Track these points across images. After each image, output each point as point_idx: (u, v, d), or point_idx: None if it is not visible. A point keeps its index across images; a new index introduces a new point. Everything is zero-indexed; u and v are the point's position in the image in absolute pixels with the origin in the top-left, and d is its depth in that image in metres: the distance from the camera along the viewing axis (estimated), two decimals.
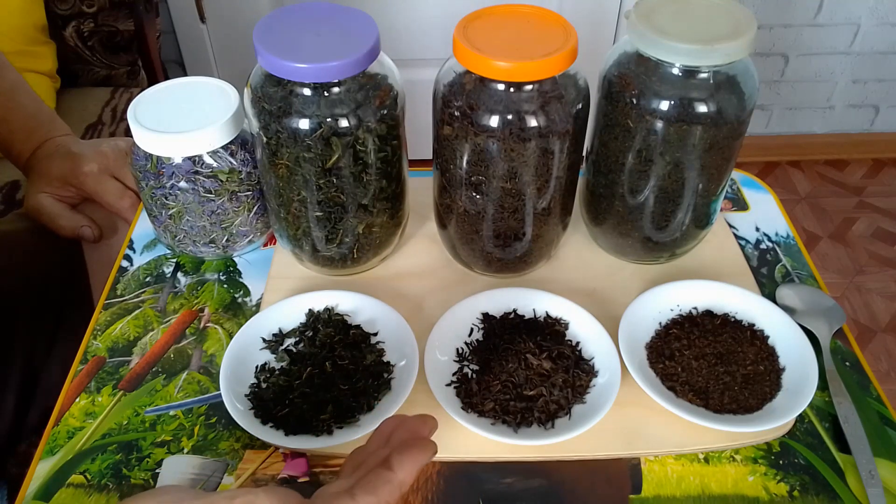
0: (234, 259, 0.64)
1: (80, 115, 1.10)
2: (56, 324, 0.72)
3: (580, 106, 0.51)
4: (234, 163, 0.57)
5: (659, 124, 0.51)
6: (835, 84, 1.80)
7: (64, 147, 0.73)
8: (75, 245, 0.74)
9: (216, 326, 0.58)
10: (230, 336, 0.56)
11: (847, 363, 0.56)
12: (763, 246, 0.65)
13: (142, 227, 0.67)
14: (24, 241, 0.72)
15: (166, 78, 1.10)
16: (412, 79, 0.74)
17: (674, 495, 0.47)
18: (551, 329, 0.54)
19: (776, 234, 0.66)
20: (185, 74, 1.56)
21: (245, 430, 0.48)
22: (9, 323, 0.68)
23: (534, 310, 0.56)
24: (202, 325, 0.58)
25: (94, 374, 0.55)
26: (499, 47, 0.48)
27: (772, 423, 0.48)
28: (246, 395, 0.50)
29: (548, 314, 0.55)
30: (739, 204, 0.70)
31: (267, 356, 0.53)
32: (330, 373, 0.50)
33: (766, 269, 0.63)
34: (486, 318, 0.55)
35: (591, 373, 0.52)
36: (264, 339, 0.54)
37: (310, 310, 0.55)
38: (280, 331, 0.55)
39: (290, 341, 0.54)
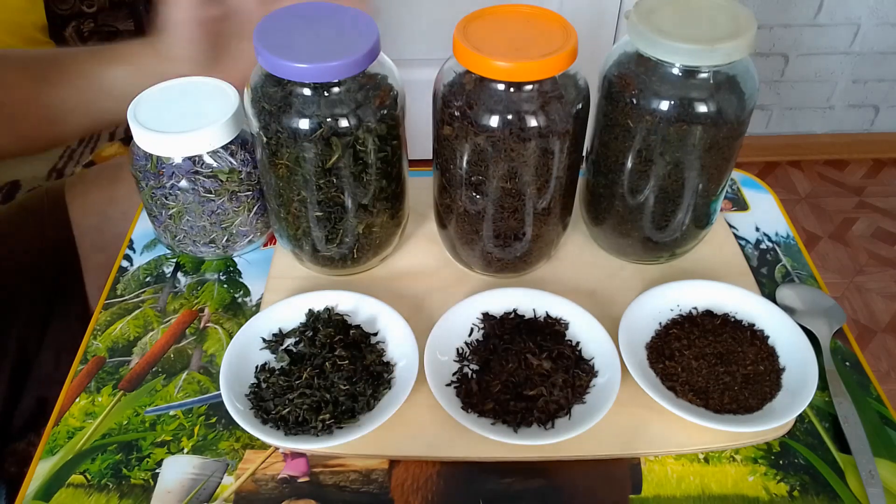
0: (234, 259, 0.64)
1: None
2: (48, 314, 0.72)
3: (580, 106, 0.51)
4: (234, 163, 0.57)
5: (659, 124, 0.51)
6: (835, 84, 1.80)
7: None
8: (67, 234, 0.74)
9: (216, 326, 0.58)
10: (230, 336, 0.56)
11: (847, 363, 0.56)
12: (763, 246, 0.65)
13: (142, 227, 0.67)
14: (16, 231, 0.73)
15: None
16: (412, 79, 0.74)
17: (674, 495, 0.47)
18: (551, 329, 0.54)
19: (776, 234, 0.66)
20: None
21: (245, 430, 0.48)
22: (1, 313, 0.68)
23: (534, 310, 0.56)
24: (202, 325, 0.58)
25: (94, 374, 0.55)
26: (499, 47, 0.48)
27: (772, 423, 0.48)
28: (246, 395, 0.50)
29: (548, 314, 0.55)
30: (739, 204, 0.70)
31: (267, 356, 0.53)
32: (330, 373, 0.50)
33: (766, 269, 0.63)
34: (486, 318, 0.55)
35: (591, 373, 0.52)
36: (264, 339, 0.54)
37: (310, 310, 0.55)
38: (280, 331, 0.55)
39: (290, 341, 0.54)
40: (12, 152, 0.73)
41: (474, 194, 0.54)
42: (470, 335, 0.55)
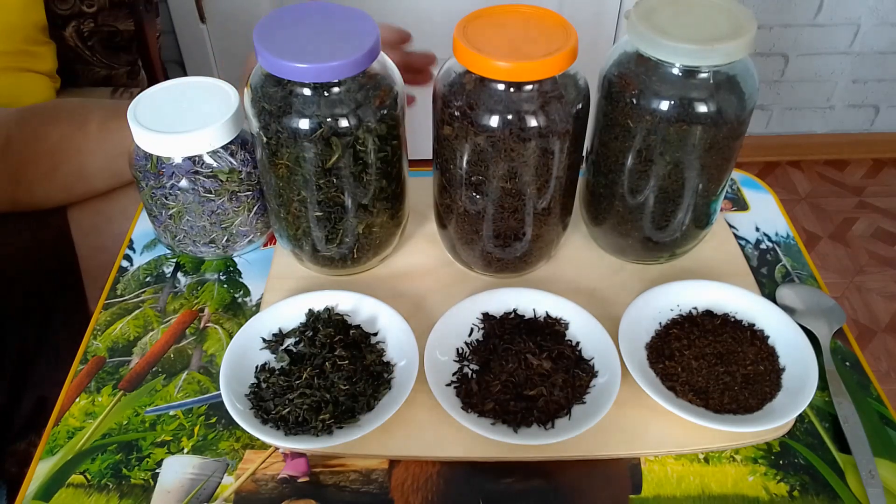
0: (234, 259, 0.64)
1: None
2: (48, 314, 0.72)
3: (580, 106, 0.51)
4: (234, 163, 0.57)
5: (659, 124, 0.51)
6: (835, 84, 1.80)
7: None
8: (65, 232, 0.74)
9: (216, 326, 0.58)
10: (230, 336, 0.56)
11: (847, 363, 0.56)
12: (763, 246, 0.65)
13: (142, 227, 0.67)
14: (14, 230, 0.73)
15: (166, 78, 1.10)
16: None
17: (674, 495, 0.47)
18: (551, 329, 0.54)
19: (776, 234, 0.66)
20: (185, 74, 1.56)
21: (245, 430, 0.48)
22: (1, 314, 0.68)
23: (534, 310, 0.56)
24: (202, 325, 0.58)
25: (94, 374, 0.55)
26: (499, 47, 0.48)
27: (772, 423, 0.48)
28: (246, 395, 0.50)
29: (548, 314, 0.55)
30: (739, 204, 0.70)
31: (267, 356, 0.53)
32: (330, 373, 0.50)
33: (766, 269, 0.63)
34: (486, 318, 0.55)
35: (591, 373, 0.52)
36: (264, 339, 0.54)
37: (310, 310, 0.55)
38: (280, 331, 0.55)
39: (290, 341, 0.54)
40: (44, 202, 0.74)
41: (474, 194, 0.54)
42: (470, 335, 0.55)
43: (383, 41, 0.53)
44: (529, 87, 0.49)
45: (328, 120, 0.49)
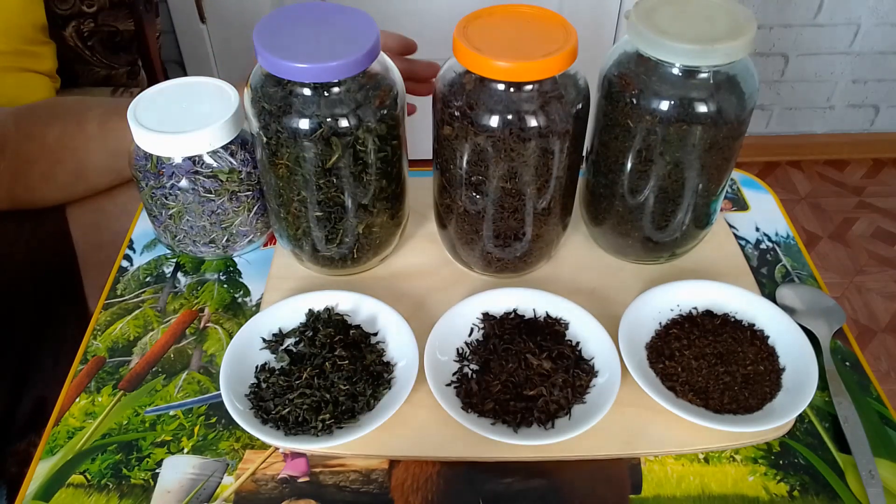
0: (234, 259, 0.64)
1: None
2: (48, 314, 0.72)
3: (580, 106, 0.51)
4: (234, 163, 0.57)
5: (659, 124, 0.51)
6: (835, 84, 1.80)
7: None
8: (65, 232, 0.74)
9: (216, 326, 0.58)
10: (230, 336, 0.56)
11: (847, 363, 0.56)
12: (763, 246, 0.65)
13: (142, 227, 0.67)
14: (13, 229, 0.73)
15: (166, 78, 1.10)
16: None
17: (674, 495, 0.47)
18: (551, 329, 0.54)
19: (776, 234, 0.66)
20: (185, 74, 1.56)
21: (245, 430, 0.48)
22: (1, 314, 0.68)
23: (534, 310, 0.56)
24: (202, 325, 0.58)
25: (93, 374, 0.55)
26: (499, 47, 0.48)
27: (772, 423, 0.48)
28: (246, 395, 0.50)
29: (548, 314, 0.55)
30: (739, 204, 0.70)
31: (267, 356, 0.53)
32: (330, 373, 0.50)
33: (766, 269, 0.63)
34: (486, 318, 0.55)
35: (591, 373, 0.52)
36: (264, 339, 0.54)
37: (310, 310, 0.55)
38: (280, 331, 0.55)
39: (290, 341, 0.54)
40: (44, 200, 0.74)
41: (474, 194, 0.54)
42: (470, 335, 0.55)
43: (388, 49, 0.53)
44: (529, 87, 0.49)
45: (328, 120, 0.49)
